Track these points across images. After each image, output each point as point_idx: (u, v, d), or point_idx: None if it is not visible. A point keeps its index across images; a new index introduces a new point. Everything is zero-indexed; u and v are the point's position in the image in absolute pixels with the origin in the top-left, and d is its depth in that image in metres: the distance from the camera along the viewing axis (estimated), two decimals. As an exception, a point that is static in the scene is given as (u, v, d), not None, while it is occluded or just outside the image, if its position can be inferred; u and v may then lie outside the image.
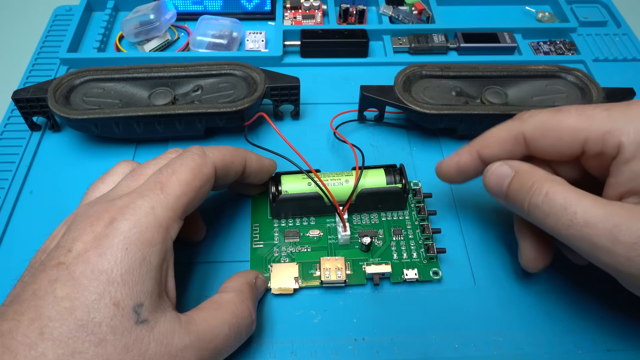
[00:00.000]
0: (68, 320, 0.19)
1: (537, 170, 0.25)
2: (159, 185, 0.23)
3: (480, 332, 0.27)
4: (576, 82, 0.36)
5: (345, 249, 0.30)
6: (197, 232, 0.30)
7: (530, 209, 0.24)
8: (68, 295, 0.19)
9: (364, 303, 0.28)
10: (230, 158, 0.26)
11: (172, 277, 0.23)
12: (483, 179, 0.27)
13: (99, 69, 0.36)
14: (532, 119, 0.26)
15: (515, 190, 0.25)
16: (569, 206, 0.22)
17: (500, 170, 0.26)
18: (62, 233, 0.22)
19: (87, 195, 0.25)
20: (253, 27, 0.46)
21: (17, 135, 0.37)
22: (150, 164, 0.25)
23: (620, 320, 0.27)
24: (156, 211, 0.22)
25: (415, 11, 0.47)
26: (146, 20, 0.42)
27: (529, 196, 0.24)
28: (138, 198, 0.22)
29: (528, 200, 0.24)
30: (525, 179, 0.24)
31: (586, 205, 0.22)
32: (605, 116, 0.23)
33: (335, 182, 0.30)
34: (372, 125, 0.38)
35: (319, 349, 0.26)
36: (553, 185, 0.23)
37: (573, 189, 0.23)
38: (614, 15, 0.48)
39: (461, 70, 0.37)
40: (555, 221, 0.23)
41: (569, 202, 0.22)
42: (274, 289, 0.28)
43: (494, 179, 0.26)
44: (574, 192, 0.23)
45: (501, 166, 0.26)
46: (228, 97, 0.35)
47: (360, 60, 0.43)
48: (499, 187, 0.26)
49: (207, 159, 0.25)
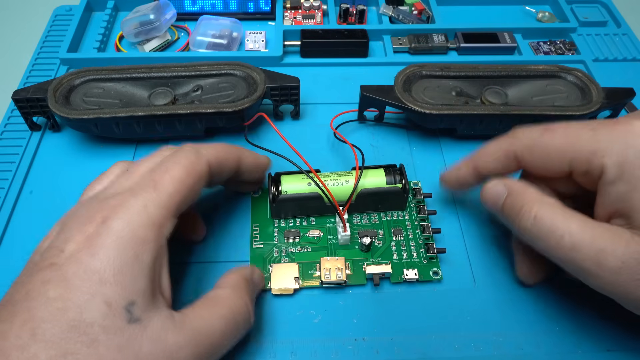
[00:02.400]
0: (60, 321, 0.18)
1: (529, 191, 0.25)
2: (152, 183, 0.22)
3: (480, 332, 0.27)
4: (576, 82, 0.36)
5: (345, 249, 0.30)
6: (197, 232, 0.30)
7: (521, 231, 0.25)
8: (60, 296, 0.19)
9: (364, 303, 0.28)
10: (225, 155, 0.26)
11: (166, 275, 0.23)
12: (481, 197, 0.28)
13: (99, 69, 0.36)
14: (523, 137, 0.26)
15: (508, 210, 0.25)
16: (556, 230, 0.23)
17: (496, 189, 0.26)
18: (56, 233, 0.22)
19: (83, 195, 0.25)
20: (253, 27, 0.46)
21: (17, 135, 0.37)
22: (144, 161, 0.25)
23: (620, 321, 0.27)
24: (149, 209, 0.22)
25: (415, 11, 0.47)
26: (146, 20, 0.42)
27: (520, 218, 0.24)
28: (131, 197, 0.22)
29: (519, 222, 0.24)
30: (516, 201, 0.25)
31: (573, 228, 0.22)
32: (591, 136, 0.24)
33: (335, 182, 0.30)
34: (372, 125, 0.38)
35: (319, 349, 0.26)
36: (542, 208, 0.24)
37: (562, 210, 0.23)
38: (614, 15, 0.48)
39: (461, 70, 0.37)
40: (544, 244, 0.23)
41: (556, 226, 0.23)
42: (274, 289, 0.28)
43: (490, 197, 0.27)
44: (562, 214, 0.23)
45: (496, 185, 0.27)
46: (228, 97, 0.35)
47: (360, 60, 0.43)
48: (495, 205, 0.26)
49: (200, 156, 0.24)
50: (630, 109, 0.39)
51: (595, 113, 0.35)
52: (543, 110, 0.34)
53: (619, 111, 0.37)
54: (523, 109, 0.34)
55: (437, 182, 0.34)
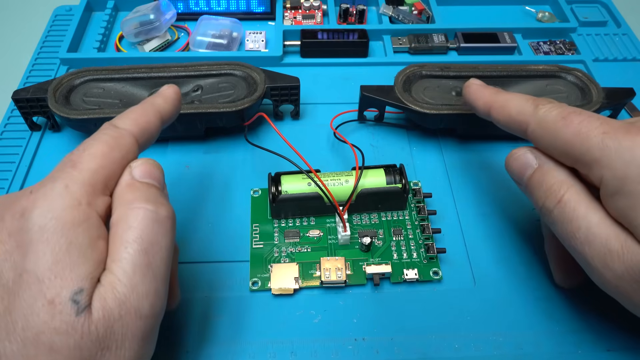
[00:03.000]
0: (14, 335, 0.17)
1: (560, 170, 0.24)
2: (70, 163, 0.20)
3: (480, 332, 0.27)
4: (576, 82, 0.36)
5: (345, 249, 0.30)
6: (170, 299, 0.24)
7: (542, 211, 0.24)
8: (7, 309, 0.18)
9: (364, 303, 0.28)
10: (144, 118, 0.24)
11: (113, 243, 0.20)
12: (506, 162, 0.26)
13: (99, 69, 0.36)
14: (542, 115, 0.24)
15: (535, 185, 0.24)
16: (575, 219, 0.22)
17: (525, 158, 0.25)
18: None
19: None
20: (253, 27, 0.46)
21: (17, 135, 0.37)
22: None
23: (620, 321, 0.27)
24: (71, 189, 0.19)
25: (415, 11, 0.47)
26: (146, 20, 0.42)
27: (545, 197, 0.24)
28: (49, 182, 0.20)
29: (543, 201, 0.24)
30: (546, 178, 0.24)
31: (591, 222, 0.22)
32: (599, 141, 0.22)
33: (335, 182, 0.30)
34: (372, 125, 0.38)
35: (319, 349, 0.26)
36: (569, 192, 0.23)
37: (588, 200, 0.23)
38: (614, 15, 0.48)
39: (461, 70, 0.37)
40: (561, 229, 0.23)
41: (577, 215, 0.22)
42: (274, 289, 0.28)
43: (517, 165, 0.25)
44: (586, 205, 0.22)
45: (526, 154, 0.25)
46: (228, 97, 0.35)
47: (360, 60, 0.43)
48: (520, 175, 0.25)
49: (119, 130, 0.22)
50: (630, 109, 0.39)
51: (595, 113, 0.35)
52: (543, 110, 0.34)
53: (619, 111, 0.37)
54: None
55: (437, 182, 0.34)
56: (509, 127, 0.26)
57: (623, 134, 0.21)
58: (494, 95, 0.27)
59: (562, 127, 0.23)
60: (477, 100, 0.28)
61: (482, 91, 0.28)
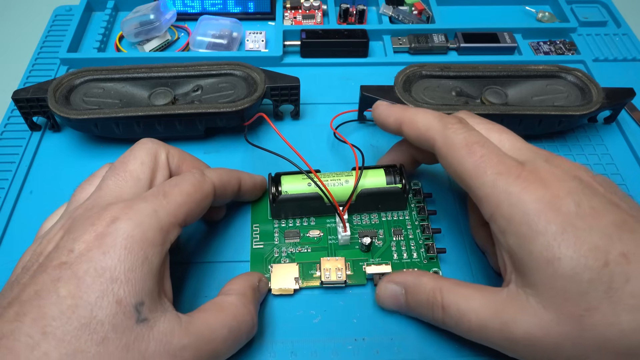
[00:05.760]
0: (71, 319, 0.19)
1: (423, 280, 0.25)
2: (162, 192, 0.23)
3: (480, 332, 0.27)
4: (576, 82, 0.36)
5: (345, 249, 0.30)
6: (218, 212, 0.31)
7: (437, 323, 0.25)
8: (71, 294, 0.19)
9: (364, 303, 0.28)
10: (227, 178, 0.27)
11: (168, 279, 0.23)
12: (378, 301, 0.27)
13: (99, 69, 0.36)
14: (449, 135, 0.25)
15: (415, 306, 0.26)
16: (463, 315, 0.23)
17: (391, 290, 0.26)
18: (60, 236, 0.22)
19: (74, 196, 0.25)
20: (253, 27, 0.46)
21: (17, 135, 0.37)
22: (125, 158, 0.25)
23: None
24: (159, 214, 0.22)
25: (415, 11, 0.47)
26: (146, 20, 0.42)
27: (432, 312, 0.24)
28: (141, 201, 0.22)
29: (432, 315, 0.25)
30: (418, 296, 0.25)
31: (476, 307, 0.23)
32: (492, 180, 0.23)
33: (335, 182, 0.30)
34: (372, 125, 0.38)
35: (319, 349, 0.26)
36: (445, 295, 0.24)
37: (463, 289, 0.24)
38: (614, 15, 0.48)
39: (461, 70, 0.37)
40: (462, 330, 0.24)
41: (462, 311, 0.23)
42: (274, 289, 0.28)
43: (388, 300, 0.27)
44: (464, 295, 0.23)
45: (388, 286, 0.27)
46: (228, 97, 0.35)
47: (360, 60, 0.43)
48: (398, 306, 0.27)
49: (206, 177, 0.26)
50: (630, 109, 0.39)
51: (595, 113, 0.35)
52: (543, 110, 0.34)
53: (619, 111, 0.37)
54: (523, 109, 0.34)
55: (437, 182, 0.34)
56: (419, 142, 0.27)
57: (514, 178, 0.22)
58: (404, 111, 0.28)
59: (464, 155, 0.24)
60: (388, 117, 0.29)
61: (391, 108, 0.29)
